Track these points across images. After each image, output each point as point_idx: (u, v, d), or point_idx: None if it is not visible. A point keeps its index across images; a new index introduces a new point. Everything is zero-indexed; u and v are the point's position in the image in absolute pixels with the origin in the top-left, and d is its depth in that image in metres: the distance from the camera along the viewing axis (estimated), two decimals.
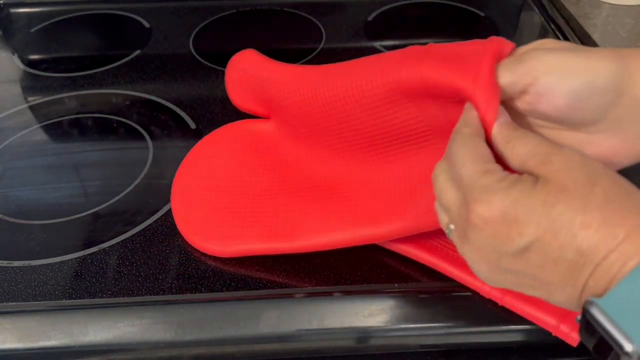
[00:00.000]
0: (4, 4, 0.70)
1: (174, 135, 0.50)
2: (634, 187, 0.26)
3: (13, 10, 0.70)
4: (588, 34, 0.60)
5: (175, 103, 0.54)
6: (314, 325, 0.35)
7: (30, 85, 0.58)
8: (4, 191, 0.45)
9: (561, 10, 0.66)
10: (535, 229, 0.25)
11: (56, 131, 0.52)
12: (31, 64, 0.61)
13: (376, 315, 0.35)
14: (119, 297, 0.36)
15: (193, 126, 0.51)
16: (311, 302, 0.36)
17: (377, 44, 0.62)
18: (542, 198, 0.25)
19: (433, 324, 0.35)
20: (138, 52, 0.62)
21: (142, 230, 0.41)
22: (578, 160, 0.26)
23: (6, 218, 0.43)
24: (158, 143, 0.49)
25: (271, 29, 0.66)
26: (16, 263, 0.39)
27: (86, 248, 0.40)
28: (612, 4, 0.65)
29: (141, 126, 0.51)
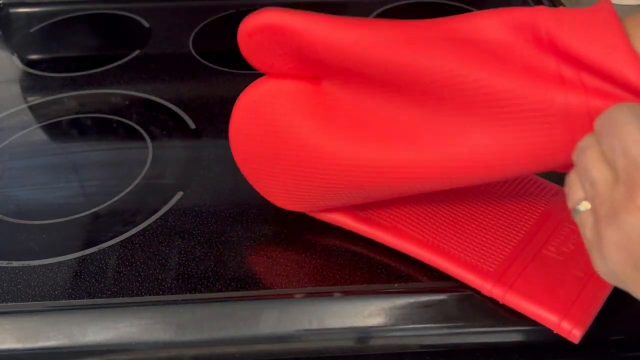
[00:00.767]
0: (4, 4, 0.70)
1: (174, 135, 0.50)
2: None
3: (12, 10, 0.70)
4: None
5: (175, 103, 0.54)
6: (314, 325, 0.35)
7: (29, 85, 0.58)
8: (4, 191, 0.45)
9: None
10: None
11: (56, 131, 0.52)
12: (31, 64, 0.61)
13: (376, 315, 0.35)
14: (119, 298, 0.36)
15: (193, 126, 0.51)
16: (311, 302, 0.36)
17: None
18: None
19: (433, 324, 0.35)
20: (138, 52, 0.62)
21: (142, 230, 0.41)
22: None
23: (5, 218, 0.43)
24: (158, 143, 0.49)
25: None
26: (15, 263, 0.39)
27: (86, 248, 0.40)
28: (613, 4, 0.65)
29: (141, 126, 0.51)
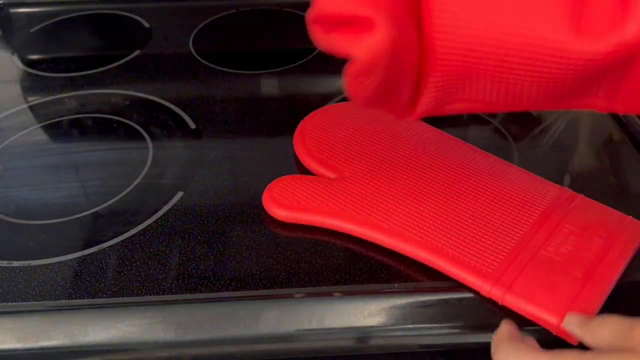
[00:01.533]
0: (4, 4, 0.71)
1: (174, 135, 0.50)
2: None
3: (13, 10, 0.70)
4: None
5: (175, 103, 0.54)
6: (314, 325, 0.35)
7: (30, 85, 0.58)
8: (4, 191, 0.45)
9: None
10: None
11: (56, 131, 0.52)
12: (31, 64, 0.61)
13: (376, 315, 0.35)
14: (119, 297, 0.36)
15: (193, 126, 0.51)
16: (311, 302, 0.36)
17: None
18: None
19: (433, 324, 0.35)
20: (138, 52, 0.62)
21: (142, 230, 0.41)
22: None
23: (6, 218, 0.43)
24: (158, 143, 0.49)
25: (271, 29, 0.66)
26: (16, 263, 0.39)
27: (86, 248, 0.40)
28: None
29: (141, 126, 0.51)
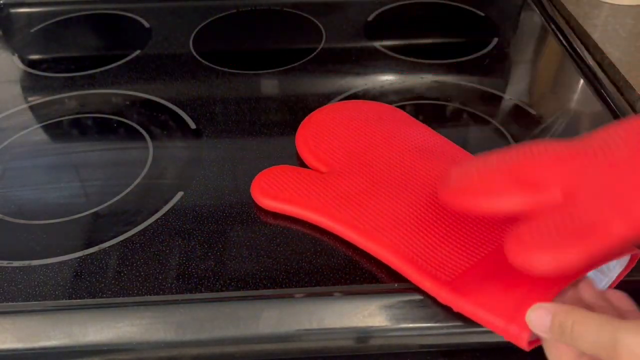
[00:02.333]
0: (4, 4, 0.71)
1: (174, 135, 0.50)
2: None
3: (13, 10, 0.70)
4: (588, 34, 0.60)
5: (175, 103, 0.54)
6: (314, 325, 0.35)
7: (30, 85, 0.58)
8: (4, 191, 0.45)
9: (561, 10, 0.66)
10: None
11: (56, 131, 0.52)
12: (31, 64, 0.61)
13: (376, 315, 0.35)
14: (119, 297, 0.36)
15: (193, 126, 0.51)
16: (311, 302, 0.36)
17: (377, 44, 0.62)
18: None
19: (433, 324, 0.35)
20: (138, 52, 0.62)
21: (142, 230, 0.41)
22: None
23: (6, 218, 0.43)
24: (158, 143, 0.49)
25: (271, 29, 0.66)
26: (16, 263, 0.39)
27: (86, 248, 0.40)
28: (612, 4, 0.65)
29: (141, 126, 0.51)
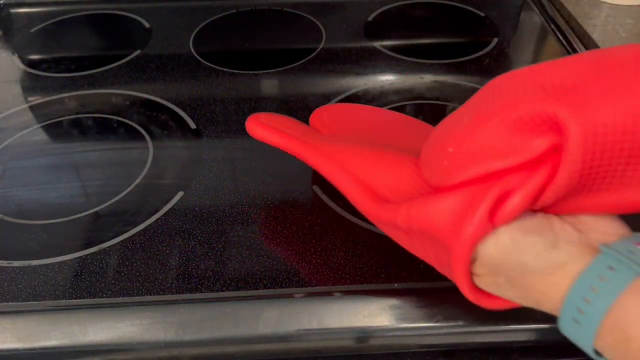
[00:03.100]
0: (4, 4, 0.70)
1: (174, 135, 0.50)
2: None
3: (13, 10, 0.70)
4: (588, 34, 0.60)
5: (175, 103, 0.54)
6: (314, 325, 0.35)
7: (30, 85, 0.58)
8: (4, 191, 0.45)
9: (561, 10, 0.66)
10: None
11: (56, 131, 0.52)
12: (31, 64, 0.61)
13: (376, 315, 0.35)
14: (119, 297, 0.36)
15: (193, 126, 0.51)
16: (311, 302, 0.36)
17: (377, 44, 0.62)
18: None
19: (433, 324, 0.35)
20: (138, 52, 0.62)
21: (142, 230, 0.41)
22: None
23: (6, 218, 0.43)
24: (158, 143, 0.49)
25: (271, 29, 0.66)
26: (16, 263, 0.39)
27: (86, 248, 0.40)
28: (612, 4, 0.65)
29: (141, 126, 0.51)
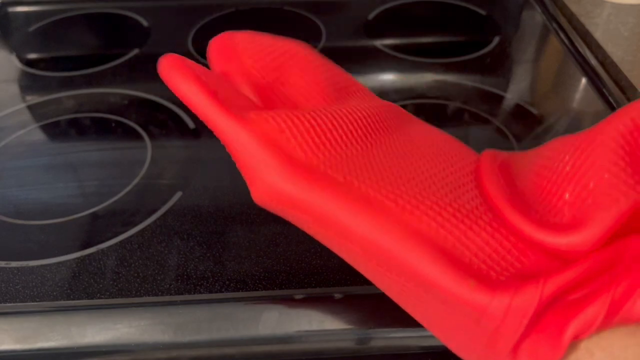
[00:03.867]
0: (2, 3, 0.70)
1: (173, 134, 0.50)
2: None
3: (11, 9, 0.70)
4: (590, 33, 0.60)
5: (174, 102, 0.53)
6: (314, 326, 0.35)
7: (28, 84, 0.58)
8: (2, 191, 0.45)
9: (563, 9, 0.66)
10: None
11: (54, 131, 0.52)
12: (29, 63, 0.61)
13: (377, 316, 0.35)
14: (118, 298, 0.36)
15: (192, 126, 0.51)
16: (311, 304, 0.36)
17: (378, 43, 0.62)
18: None
19: None
20: (136, 51, 0.62)
21: (141, 230, 0.41)
22: None
23: (4, 218, 0.42)
24: (157, 143, 0.49)
25: (271, 28, 0.66)
26: (14, 263, 0.39)
27: (84, 249, 0.39)
28: (614, 3, 0.65)
29: (140, 126, 0.51)
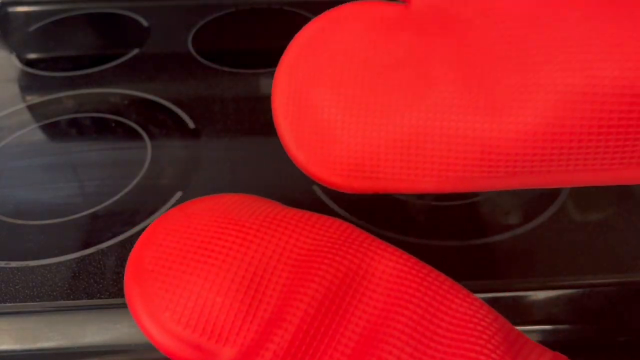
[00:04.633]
0: (2, 3, 0.70)
1: (173, 134, 0.50)
2: None
3: (11, 9, 0.70)
4: None
5: (174, 102, 0.53)
6: None
7: (28, 84, 0.58)
8: (1, 191, 0.45)
9: None
10: None
11: (54, 131, 0.52)
12: (29, 63, 0.61)
13: None
14: (118, 298, 0.36)
15: (192, 126, 0.51)
16: None
17: None
18: None
19: None
20: (136, 51, 0.62)
21: (141, 230, 0.41)
22: None
23: (3, 218, 0.42)
24: (156, 143, 0.49)
25: (271, 28, 0.66)
26: (13, 264, 0.39)
27: (84, 248, 0.39)
28: None
29: (139, 126, 0.51)
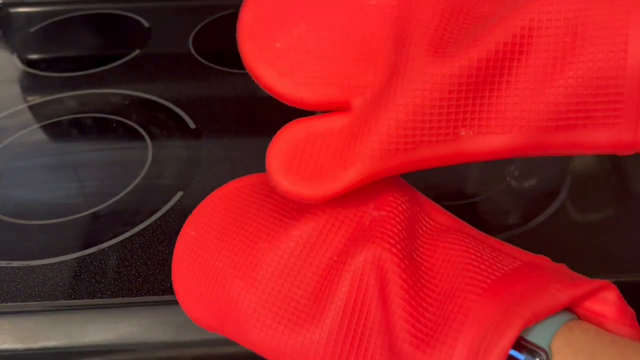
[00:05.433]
0: (4, 4, 0.70)
1: (174, 135, 0.50)
2: None
3: (12, 9, 0.70)
4: None
5: (174, 103, 0.53)
6: None
7: (29, 85, 0.58)
8: (3, 191, 0.45)
9: None
10: None
11: (55, 131, 0.52)
12: (30, 64, 0.61)
13: None
14: (119, 298, 0.36)
15: (192, 126, 0.51)
16: None
17: None
18: None
19: None
20: (137, 52, 0.62)
21: (142, 230, 0.41)
22: None
23: (5, 218, 0.42)
24: (157, 143, 0.49)
25: None
26: (15, 263, 0.39)
27: (85, 248, 0.40)
28: None
29: (140, 126, 0.51)
